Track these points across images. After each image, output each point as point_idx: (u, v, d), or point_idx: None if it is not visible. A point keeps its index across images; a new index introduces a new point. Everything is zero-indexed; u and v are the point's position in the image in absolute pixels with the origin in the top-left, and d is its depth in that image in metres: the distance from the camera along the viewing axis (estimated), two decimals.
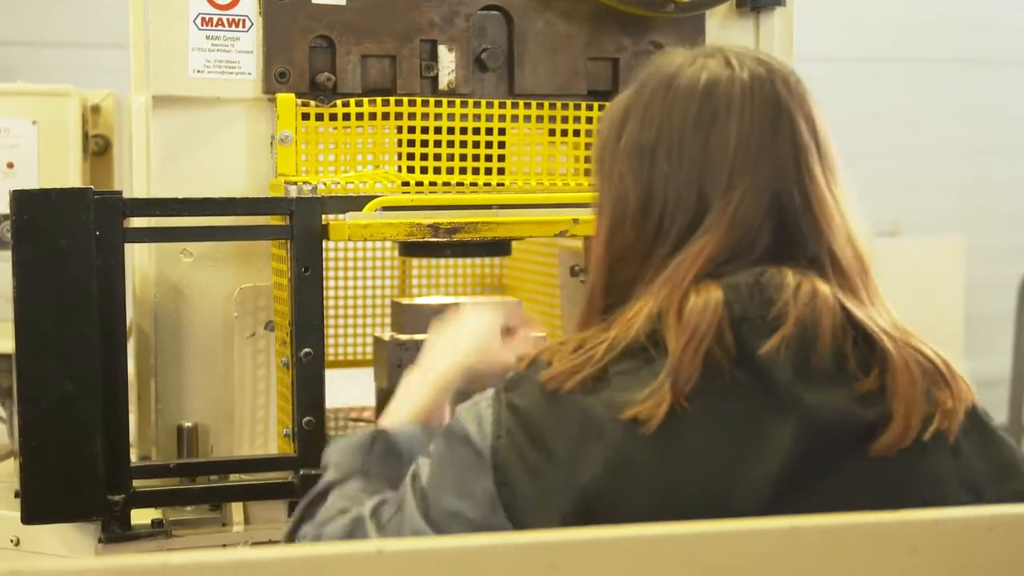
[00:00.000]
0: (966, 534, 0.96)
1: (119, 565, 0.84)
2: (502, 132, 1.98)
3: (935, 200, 6.36)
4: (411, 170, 1.92)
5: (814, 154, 1.29)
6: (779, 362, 1.20)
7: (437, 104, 1.93)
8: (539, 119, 1.99)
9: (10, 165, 2.13)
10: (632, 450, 1.19)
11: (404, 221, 1.77)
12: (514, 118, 1.98)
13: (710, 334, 1.20)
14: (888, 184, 5.84)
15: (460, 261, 2.38)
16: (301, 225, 1.79)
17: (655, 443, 1.19)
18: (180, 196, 1.79)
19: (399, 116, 1.92)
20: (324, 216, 1.81)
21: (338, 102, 1.90)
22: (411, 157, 1.93)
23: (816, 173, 1.29)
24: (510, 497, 1.24)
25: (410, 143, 1.93)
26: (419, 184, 1.91)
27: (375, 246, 2.27)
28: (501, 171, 1.97)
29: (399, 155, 1.94)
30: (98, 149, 2.29)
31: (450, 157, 1.94)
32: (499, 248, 2.02)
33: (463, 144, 1.94)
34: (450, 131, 1.94)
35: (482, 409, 1.28)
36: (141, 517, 1.83)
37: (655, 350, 1.23)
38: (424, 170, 1.92)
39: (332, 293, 2.29)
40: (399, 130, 1.94)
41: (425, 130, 1.93)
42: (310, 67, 1.90)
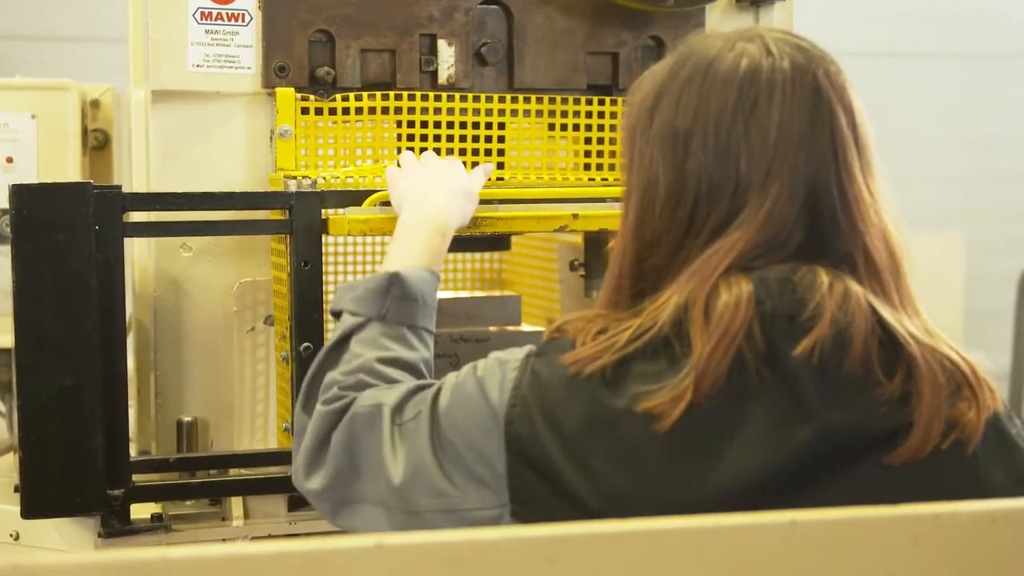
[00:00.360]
0: (968, 527, 0.96)
1: (119, 560, 0.84)
2: (502, 127, 1.97)
3: (935, 195, 6.35)
4: None
5: (852, 147, 1.26)
6: (811, 365, 1.18)
7: (437, 98, 1.93)
8: (539, 113, 1.99)
9: (9, 160, 2.13)
10: (642, 445, 1.18)
11: None
12: (514, 112, 1.97)
13: (741, 333, 1.18)
14: (888, 178, 5.82)
15: (460, 256, 2.38)
16: (301, 220, 1.79)
17: (668, 440, 1.18)
18: (180, 190, 1.79)
19: (399, 110, 1.92)
20: (324, 211, 1.81)
21: (338, 96, 1.90)
22: (411, 151, 1.93)
23: (854, 167, 1.26)
24: (518, 464, 1.24)
25: (410, 137, 1.93)
26: None
27: (375, 240, 2.27)
28: (501, 165, 1.97)
29: (399, 149, 1.94)
30: (97, 143, 2.29)
31: (450, 151, 1.94)
32: (499, 243, 2.02)
33: (463, 139, 1.94)
34: (450, 125, 1.94)
35: (507, 371, 1.28)
36: (141, 512, 1.83)
37: (679, 343, 1.21)
38: None
39: (332, 288, 2.29)
40: (399, 124, 1.94)
41: (425, 124, 1.93)
42: (309, 61, 1.90)
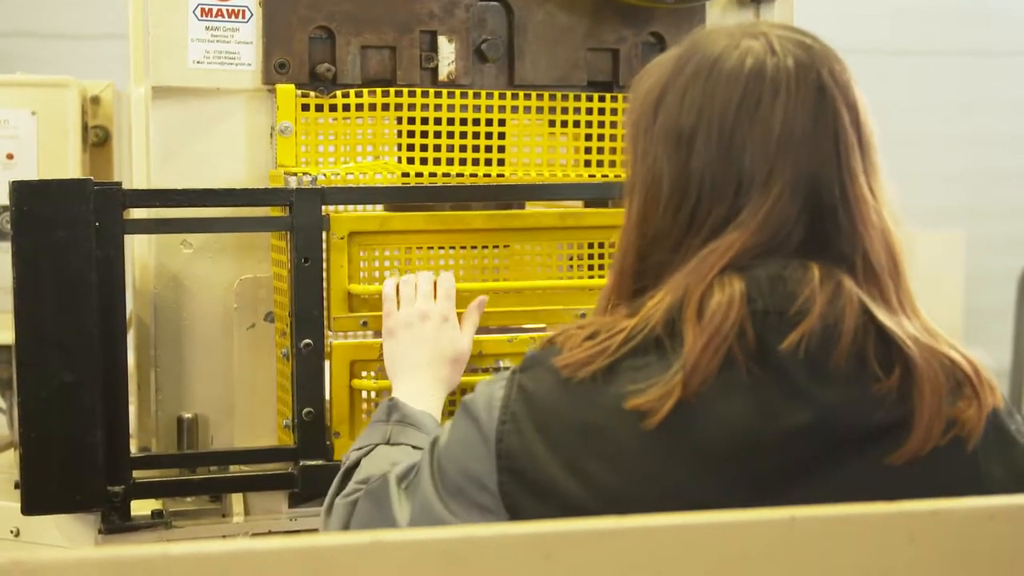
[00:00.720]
0: (965, 524, 0.96)
1: (119, 556, 0.84)
2: (502, 123, 1.97)
3: (936, 192, 6.35)
4: (411, 161, 1.92)
5: (855, 146, 1.26)
6: (797, 360, 1.18)
7: (437, 95, 1.93)
8: (539, 110, 1.99)
9: (9, 156, 2.13)
10: (632, 443, 1.19)
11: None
12: (514, 109, 1.97)
13: (732, 333, 1.18)
14: (889, 176, 5.82)
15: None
16: (301, 216, 1.79)
17: (657, 436, 1.18)
18: (180, 187, 1.79)
19: (399, 107, 1.92)
20: (324, 207, 1.81)
21: (338, 93, 1.90)
22: (411, 148, 1.93)
23: (856, 168, 1.25)
24: (509, 482, 1.24)
25: (410, 134, 1.93)
26: (419, 175, 1.91)
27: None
28: (501, 162, 1.97)
29: (399, 146, 1.94)
30: (97, 140, 2.29)
31: (450, 148, 1.94)
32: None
33: (463, 135, 1.94)
34: (450, 122, 1.94)
35: (495, 390, 1.28)
36: (141, 508, 1.83)
37: (670, 341, 1.21)
38: (424, 161, 1.92)
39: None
40: (399, 121, 1.94)
41: (425, 121, 1.93)
42: (310, 58, 1.90)
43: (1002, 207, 6.62)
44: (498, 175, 1.94)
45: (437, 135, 1.93)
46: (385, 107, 1.92)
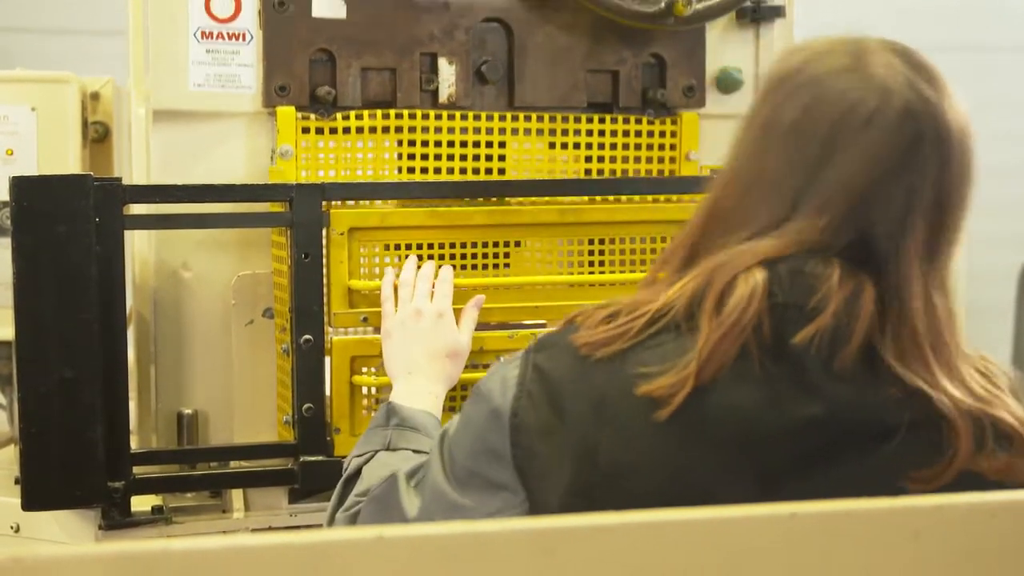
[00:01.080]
0: (969, 520, 0.96)
1: (119, 551, 0.84)
2: (502, 145, 1.97)
3: None
4: None
5: (927, 208, 1.22)
6: (811, 353, 1.18)
7: (437, 117, 1.93)
8: (539, 132, 1.99)
9: (9, 152, 2.13)
10: (644, 424, 1.19)
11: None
12: (514, 131, 1.97)
13: (750, 325, 1.18)
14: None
15: None
16: (301, 212, 1.79)
17: (669, 421, 1.18)
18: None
19: (399, 129, 1.92)
20: (324, 203, 1.81)
21: (338, 115, 1.90)
22: (411, 171, 1.93)
23: (916, 229, 1.22)
24: (523, 459, 1.25)
25: (410, 156, 1.93)
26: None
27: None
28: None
29: (399, 168, 1.94)
30: (97, 136, 2.28)
31: (450, 170, 1.94)
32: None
33: (463, 157, 1.95)
34: (450, 144, 1.94)
35: (508, 370, 1.29)
36: (141, 504, 1.83)
37: (687, 324, 1.21)
38: None
39: None
40: (399, 143, 1.93)
41: (425, 143, 1.93)
42: (310, 80, 1.89)
43: (1003, 204, 6.62)
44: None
45: (438, 157, 1.93)
46: (386, 129, 1.91)
